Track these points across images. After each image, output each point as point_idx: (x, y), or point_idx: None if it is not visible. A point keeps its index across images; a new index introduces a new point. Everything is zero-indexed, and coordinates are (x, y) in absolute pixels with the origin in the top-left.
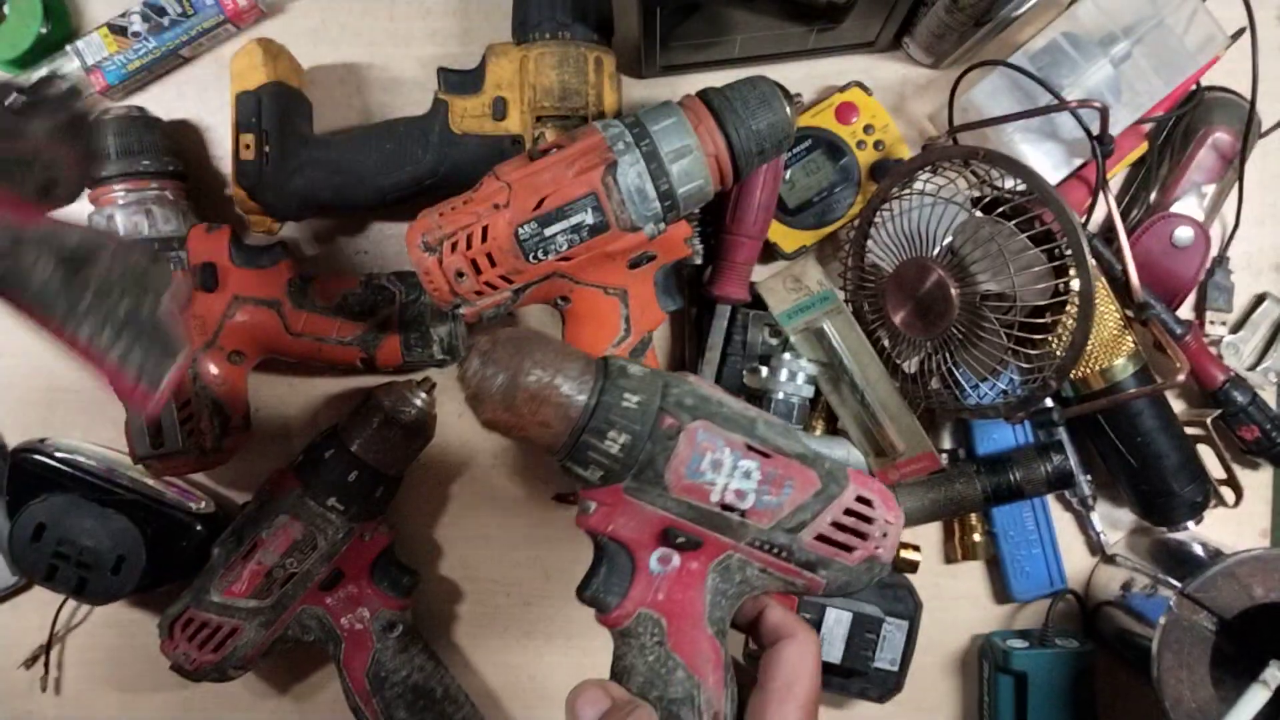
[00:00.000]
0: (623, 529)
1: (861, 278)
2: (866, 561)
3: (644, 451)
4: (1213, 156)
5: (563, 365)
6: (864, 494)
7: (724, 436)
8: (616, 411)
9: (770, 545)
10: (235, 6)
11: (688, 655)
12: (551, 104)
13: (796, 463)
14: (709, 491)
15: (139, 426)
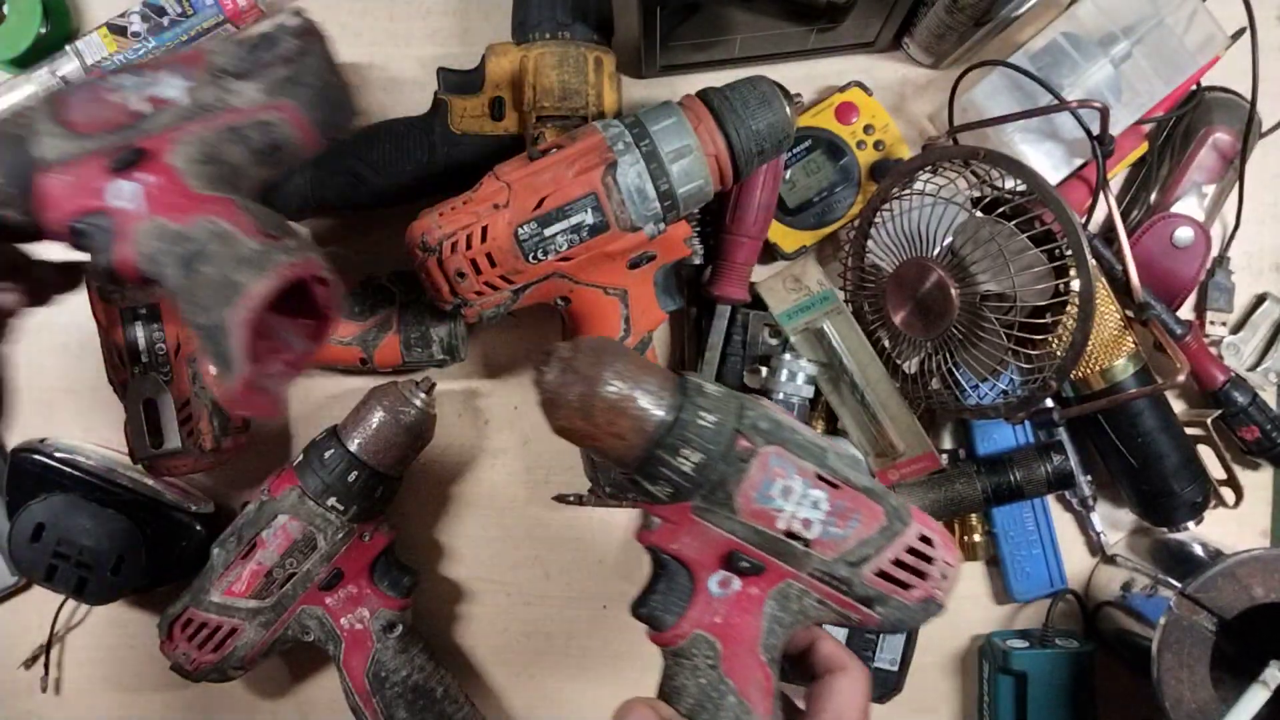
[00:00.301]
0: (686, 548)
1: (861, 278)
2: (924, 602)
3: (717, 472)
4: (1213, 156)
5: (641, 378)
6: (927, 533)
7: (796, 464)
8: (692, 429)
9: (831, 577)
10: (235, 6)
11: (740, 681)
12: (551, 104)
13: (864, 496)
14: (776, 518)
15: (139, 426)
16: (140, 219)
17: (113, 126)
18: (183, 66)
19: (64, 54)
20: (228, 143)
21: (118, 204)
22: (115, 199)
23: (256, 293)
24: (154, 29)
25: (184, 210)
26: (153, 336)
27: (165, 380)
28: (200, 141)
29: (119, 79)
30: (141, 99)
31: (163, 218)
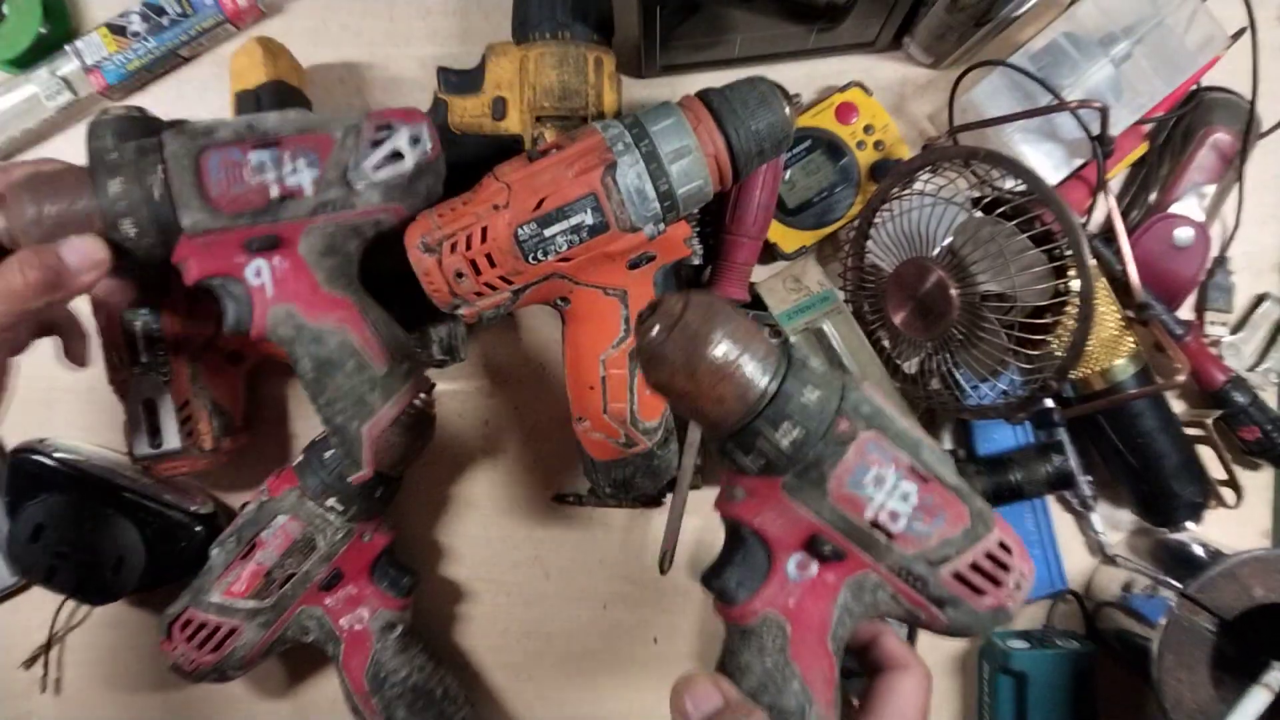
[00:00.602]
0: (769, 525)
1: (861, 278)
2: (994, 610)
3: (814, 451)
4: (1213, 157)
5: (751, 343)
6: (1007, 541)
7: (892, 453)
8: (795, 404)
9: (909, 574)
10: (235, 6)
11: (805, 667)
12: (551, 104)
13: (953, 495)
14: (865, 506)
15: (139, 426)
16: (273, 301)
17: (250, 208)
18: (312, 152)
19: (64, 54)
20: (346, 237)
21: (254, 281)
22: (252, 276)
23: (386, 416)
24: (154, 29)
25: (314, 306)
26: (153, 336)
27: (165, 380)
28: (323, 234)
29: (259, 157)
30: (276, 184)
31: (294, 305)
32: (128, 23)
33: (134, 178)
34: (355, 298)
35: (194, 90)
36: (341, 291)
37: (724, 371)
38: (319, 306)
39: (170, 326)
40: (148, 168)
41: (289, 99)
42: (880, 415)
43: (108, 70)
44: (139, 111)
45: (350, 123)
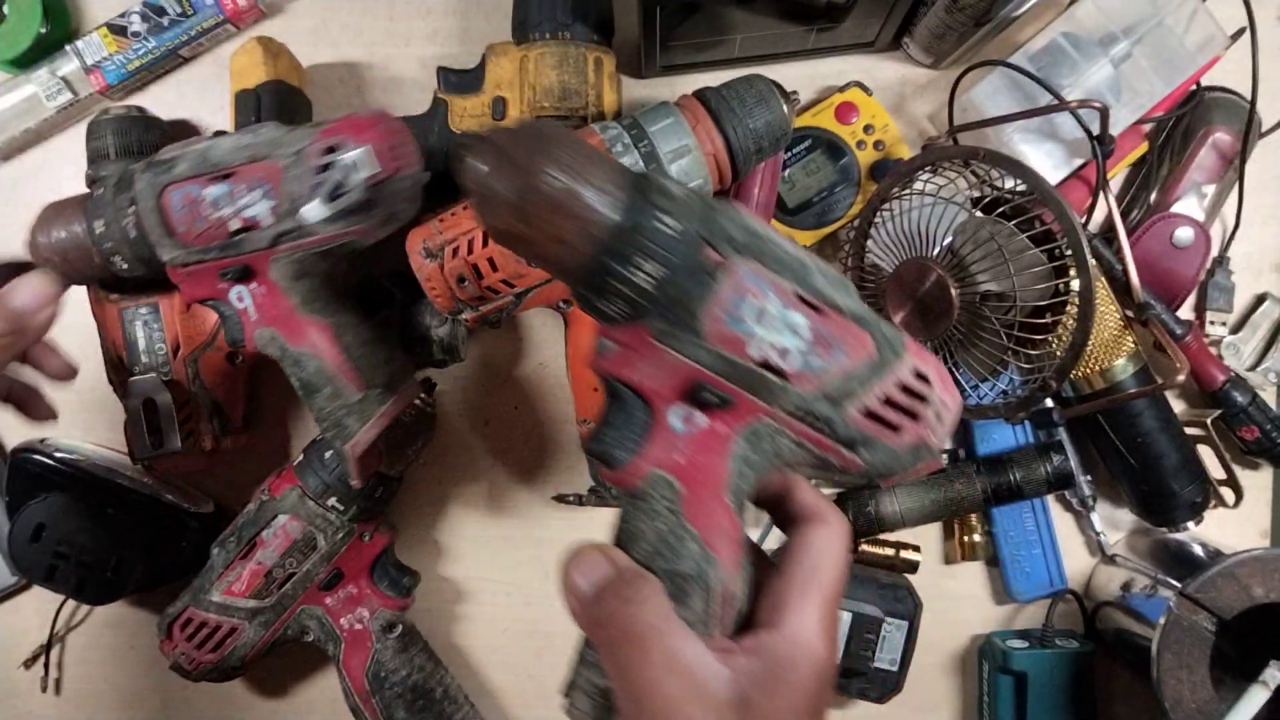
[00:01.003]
0: (644, 377)
1: (861, 278)
2: (914, 447)
3: (678, 288)
4: (1213, 156)
5: (589, 171)
6: (922, 369)
7: (773, 281)
8: (649, 235)
9: (811, 415)
10: (235, 6)
11: (703, 527)
12: (551, 104)
13: (853, 324)
14: (748, 344)
15: (139, 426)
16: (257, 324)
17: (215, 242)
18: (264, 183)
19: (64, 54)
20: (316, 261)
21: (239, 305)
22: (236, 301)
23: (363, 439)
24: (154, 29)
25: (292, 330)
26: (153, 336)
27: (165, 380)
28: (291, 261)
29: (214, 192)
30: (235, 217)
31: (276, 330)
32: (128, 23)
33: (113, 218)
34: (333, 320)
35: (194, 90)
36: (319, 314)
37: (560, 206)
38: (297, 331)
39: (170, 326)
40: (123, 206)
41: (289, 99)
42: (757, 240)
43: (108, 70)
44: (139, 111)
45: (297, 147)
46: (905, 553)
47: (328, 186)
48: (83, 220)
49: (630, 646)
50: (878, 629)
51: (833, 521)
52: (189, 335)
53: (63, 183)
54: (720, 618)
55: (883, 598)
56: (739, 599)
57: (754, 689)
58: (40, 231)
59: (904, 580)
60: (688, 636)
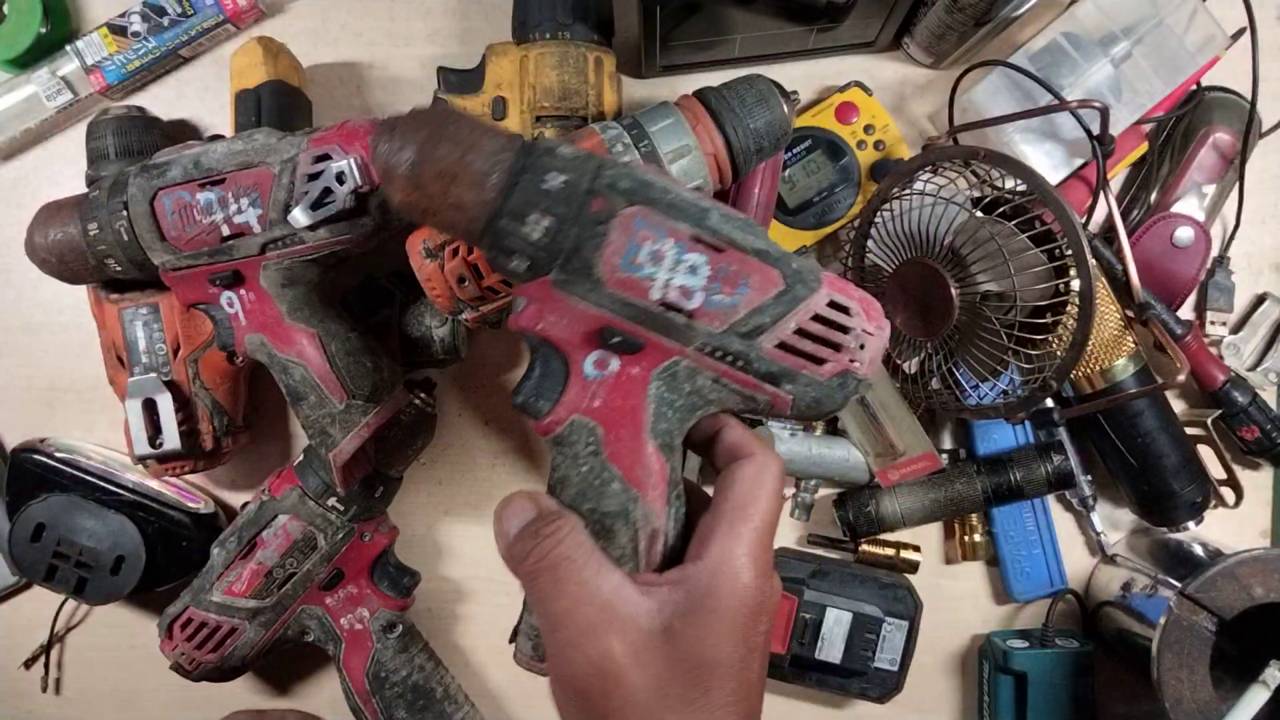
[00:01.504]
0: (554, 327)
1: (861, 278)
2: (840, 376)
3: (570, 238)
4: (1213, 156)
5: (477, 140)
6: (838, 299)
7: (666, 225)
8: (536, 192)
9: (723, 352)
10: (235, 6)
11: (625, 466)
12: (551, 104)
13: (755, 259)
14: (648, 287)
15: (139, 426)
16: (247, 330)
17: (205, 247)
18: (253, 190)
19: (64, 54)
20: (304, 269)
21: (229, 310)
22: (226, 306)
23: (346, 449)
24: (154, 29)
25: (279, 337)
26: (153, 336)
27: (165, 380)
28: (280, 269)
29: (206, 197)
30: (225, 223)
31: (264, 336)
32: (128, 23)
33: (106, 221)
34: (320, 328)
35: (194, 90)
36: (306, 322)
37: (450, 173)
38: (284, 338)
39: (170, 326)
40: (116, 209)
41: (289, 99)
42: (647, 187)
43: (108, 70)
44: (139, 111)
45: (288, 155)
46: (905, 553)
47: (315, 195)
48: (77, 222)
49: (545, 578)
50: (878, 629)
51: (758, 455)
52: (189, 335)
53: (62, 183)
54: (649, 554)
55: (883, 598)
56: (667, 535)
57: (676, 618)
58: (37, 232)
59: (904, 580)
60: (607, 569)
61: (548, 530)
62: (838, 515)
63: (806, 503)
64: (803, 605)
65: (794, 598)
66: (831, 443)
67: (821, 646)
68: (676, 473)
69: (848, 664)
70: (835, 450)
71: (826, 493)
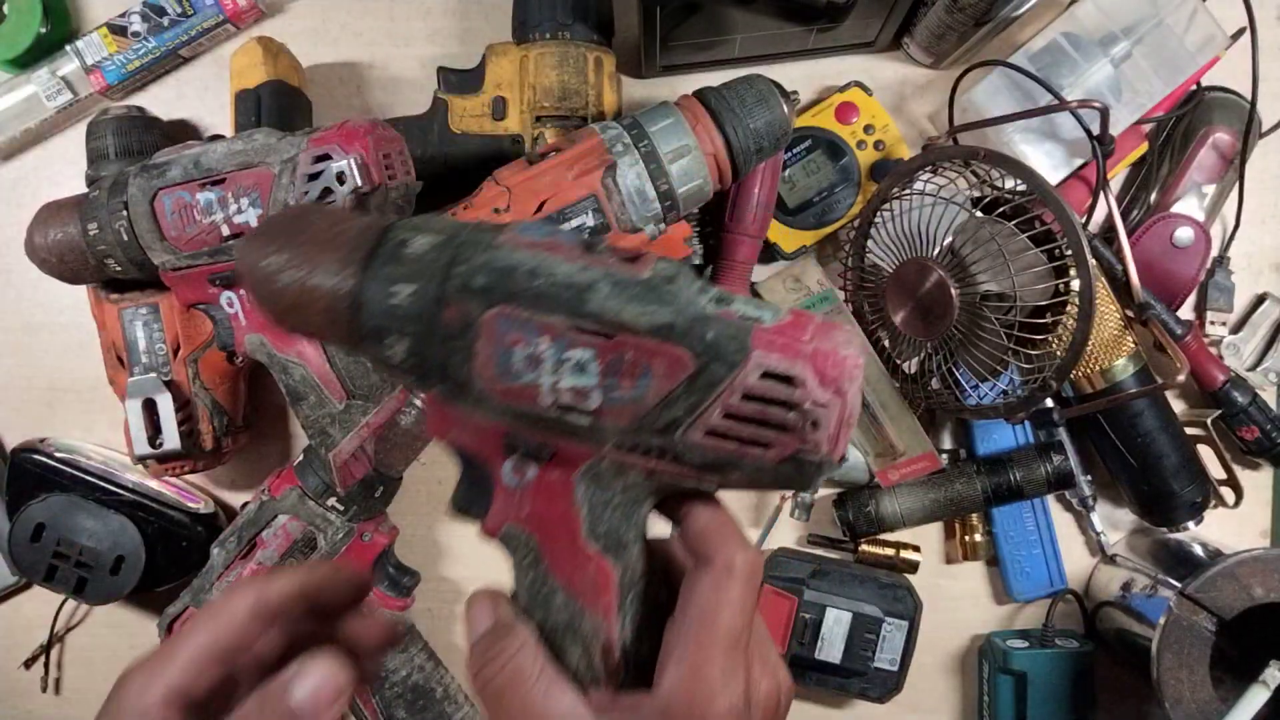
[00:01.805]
0: (460, 438)
1: (861, 278)
2: (790, 461)
3: (433, 356)
4: (1213, 156)
5: (318, 257)
6: (776, 368)
7: (536, 322)
8: (383, 311)
9: (646, 449)
10: (235, 6)
11: (566, 576)
12: (551, 104)
13: (652, 341)
14: (536, 394)
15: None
16: (247, 330)
17: (205, 247)
18: (253, 190)
19: (64, 54)
20: None
21: (229, 310)
22: (226, 305)
23: (346, 448)
24: (154, 29)
25: (279, 337)
26: (153, 336)
27: (165, 380)
28: None
29: (206, 197)
30: (225, 223)
31: (265, 336)
32: (128, 23)
33: (106, 221)
34: None
35: (194, 90)
36: None
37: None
38: (284, 338)
39: (170, 326)
40: (116, 209)
41: (289, 99)
42: (508, 278)
43: (108, 70)
44: (139, 111)
45: (288, 155)
46: (905, 553)
47: (315, 195)
48: (77, 222)
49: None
50: (878, 629)
51: (718, 562)
52: (189, 335)
53: (62, 183)
54: (605, 669)
55: (883, 598)
56: (625, 645)
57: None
58: (37, 232)
59: (904, 580)
60: (558, 689)
61: (498, 647)
62: (838, 515)
63: (806, 503)
64: (803, 605)
65: (794, 598)
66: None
67: (821, 646)
68: (631, 572)
69: (848, 664)
70: None
71: (826, 493)
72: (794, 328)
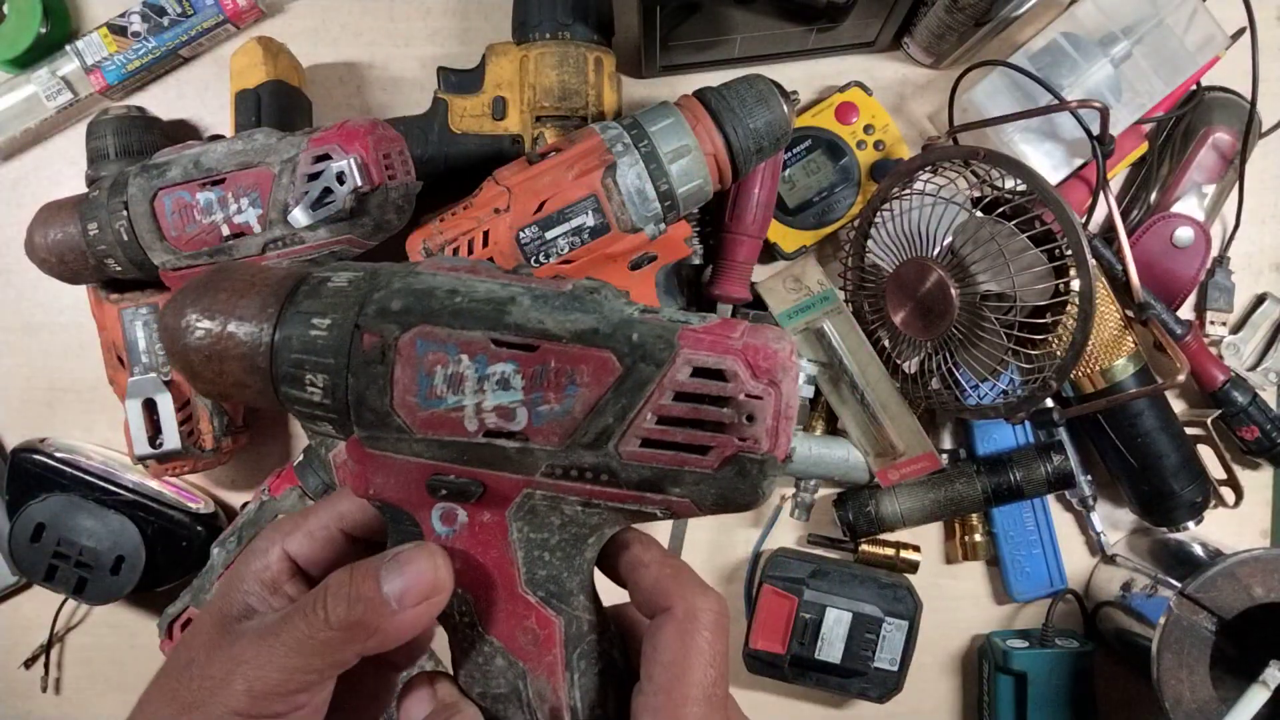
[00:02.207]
0: (385, 489)
1: (861, 278)
2: (732, 464)
3: (351, 390)
4: (1213, 156)
5: (236, 306)
6: (704, 363)
7: (455, 338)
8: (301, 347)
9: (577, 470)
10: (235, 6)
11: (505, 635)
12: (551, 104)
13: (576, 346)
14: (461, 420)
15: (139, 426)
16: None
17: (205, 247)
18: (253, 190)
19: (64, 54)
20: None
21: None
22: None
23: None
24: (154, 29)
25: None
26: (153, 336)
27: (165, 380)
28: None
29: (206, 197)
30: (225, 223)
31: None
32: (128, 23)
33: (106, 221)
34: None
35: (194, 90)
36: None
37: (217, 354)
38: None
39: None
40: (116, 209)
41: (289, 99)
42: (426, 299)
43: (108, 70)
44: (139, 111)
45: (288, 155)
46: (905, 553)
47: (315, 195)
48: (77, 222)
49: None
50: (878, 629)
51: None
52: None
53: (62, 183)
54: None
55: (883, 598)
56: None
57: None
58: (37, 232)
59: (904, 580)
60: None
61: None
62: (838, 515)
63: (806, 503)
64: (803, 605)
65: (794, 598)
66: (831, 443)
67: (821, 646)
68: (578, 625)
69: (848, 664)
70: (835, 450)
71: (826, 493)
72: (722, 327)
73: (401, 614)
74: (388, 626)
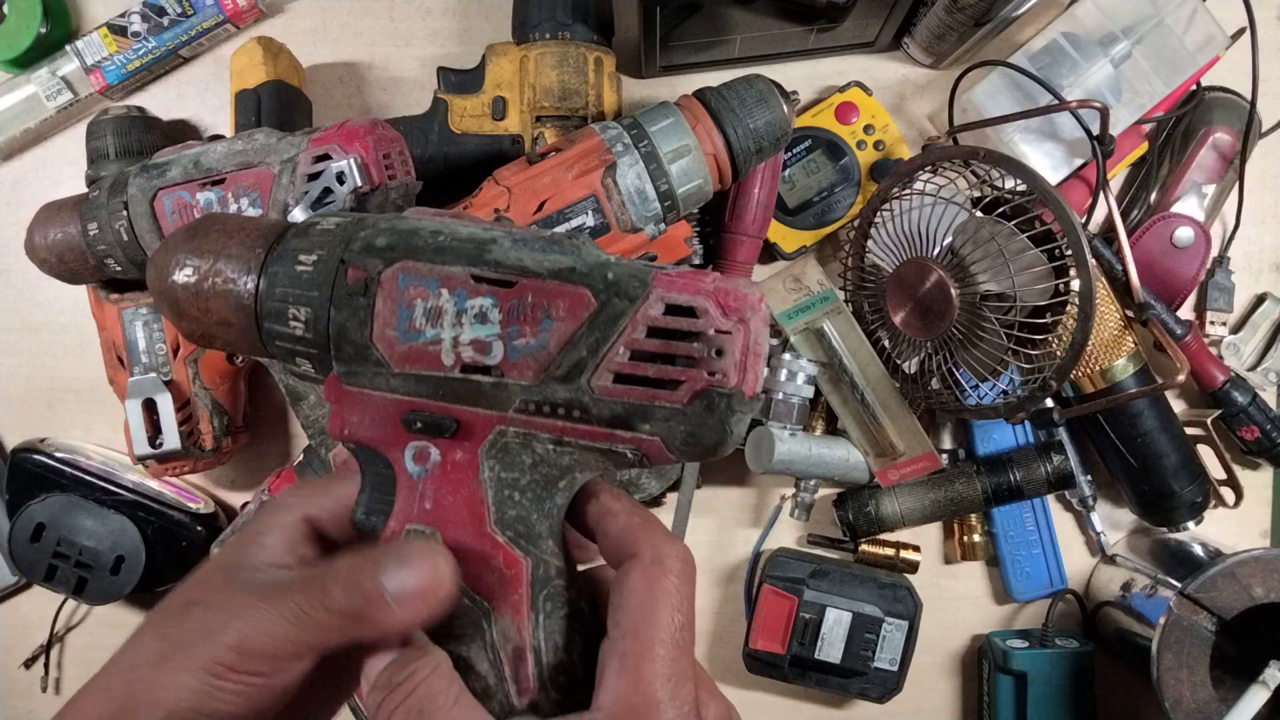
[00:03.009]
0: (360, 428)
1: (861, 278)
2: (703, 397)
3: (332, 323)
4: (1213, 156)
5: (226, 246)
6: (676, 300)
7: (436, 273)
8: (287, 281)
9: (550, 405)
10: (235, 6)
11: (472, 575)
12: (551, 104)
13: (554, 283)
14: (438, 353)
15: (139, 426)
16: None
17: None
18: (253, 190)
19: (64, 54)
20: None
21: None
22: None
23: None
24: (154, 29)
25: None
26: (153, 336)
27: (165, 380)
28: None
29: (206, 197)
30: None
31: None
32: (128, 23)
33: (106, 221)
34: None
35: (194, 90)
36: None
37: (204, 291)
38: None
39: (170, 326)
40: (116, 209)
41: (289, 99)
42: (411, 236)
43: (108, 70)
44: (139, 111)
45: (288, 155)
46: (905, 553)
47: (315, 195)
48: (77, 222)
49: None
50: (878, 629)
51: (645, 554)
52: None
53: (62, 183)
54: (519, 678)
55: (883, 598)
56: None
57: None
58: (37, 232)
59: (904, 580)
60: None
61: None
62: (838, 515)
63: (806, 503)
64: (802, 605)
65: (794, 598)
66: (831, 443)
67: (821, 647)
68: (545, 568)
69: (848, 664)
70: (835, 450)
71: (826, 493)
72: (695, 273)
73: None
74: (383, 622)
